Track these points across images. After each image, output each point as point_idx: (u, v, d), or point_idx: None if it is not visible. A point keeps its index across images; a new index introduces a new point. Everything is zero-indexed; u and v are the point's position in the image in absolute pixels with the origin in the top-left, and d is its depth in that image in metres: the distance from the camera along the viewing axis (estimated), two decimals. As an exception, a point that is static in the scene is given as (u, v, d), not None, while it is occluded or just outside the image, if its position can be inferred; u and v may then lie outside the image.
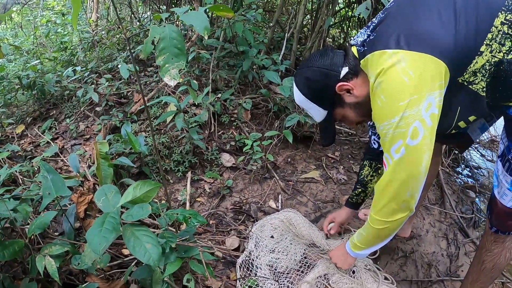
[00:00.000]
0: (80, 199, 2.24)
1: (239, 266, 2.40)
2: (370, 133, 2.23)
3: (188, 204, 2.77)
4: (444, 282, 2.60)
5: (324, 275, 2.42)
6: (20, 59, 4.41)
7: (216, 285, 2.33)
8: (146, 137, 3.20)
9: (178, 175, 3.03)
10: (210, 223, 2.73)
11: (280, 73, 3.41)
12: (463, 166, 3.97)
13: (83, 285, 2.07)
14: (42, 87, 3.86)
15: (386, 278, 2.47)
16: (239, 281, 2.33)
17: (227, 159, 3.11)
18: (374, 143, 2.17)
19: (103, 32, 4.84)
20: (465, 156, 4.06)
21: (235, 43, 3.36)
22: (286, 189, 2.98)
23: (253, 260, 2.42)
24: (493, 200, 1.81)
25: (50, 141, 3.46)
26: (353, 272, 2.45)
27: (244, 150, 3.07)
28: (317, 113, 1.83)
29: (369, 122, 2.17)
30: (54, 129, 3.76)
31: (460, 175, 3.66)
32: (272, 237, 2.52)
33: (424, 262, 2.75)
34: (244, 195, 2.94)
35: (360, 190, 2.32)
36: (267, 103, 3.38)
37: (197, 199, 2.89)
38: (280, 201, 2.86)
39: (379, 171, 2.20)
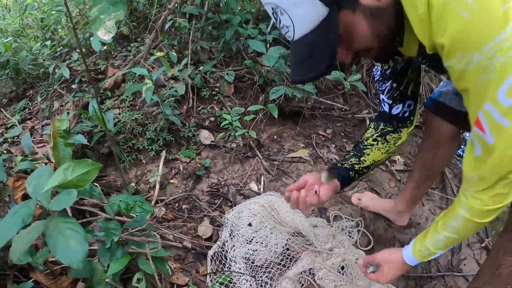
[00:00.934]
0: (17, 183, 1.75)
1: (211, 259, 1.91)
2: (379, 92, 1.67)
3: (158, 186, 2.28)
4: (445, 278, 2.13)
5: (309, 270, 1.92)
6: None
7: (183, 281, 1.84)
8: (119, 113, 2.69)
9: (151, 155, 2.53)
10: (183, 207, 2.24)
11: (267, 43, 2.88)
12: (464, 148, 3.40)
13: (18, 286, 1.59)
14: (16, 66, 3.35)
15: None
16: (209, 276, 1.84)
17: (205, 136, 2.60)
18: (384, 105, 1.64)
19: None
20: (466, 138, 3.50)
21: (218, 12, 2.82)
22: (270, 169, 2.47)
23: (227, 251, 1.93)
24: None
25: (17, 122, 2.96)
26: (342, 267, 1.94)
27: (222, 125, 2.55)
28: (309, 13, 0.97)
29: (376, 73, 1.62)
30: (28, 109, 3.26)
31: (461, 158, 3.10)
32: (250, 225, 2.03)
33: None
34: (223, 176, 2.44)
35: (352, 153, 1.66)
36: (253, 76, 2.85)
37: (170, 180, 2.40)
38: (262, 183, 2.37)
39: (387, 137, 1.63)
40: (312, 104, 2.89)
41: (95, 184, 1.83)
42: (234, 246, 1.96)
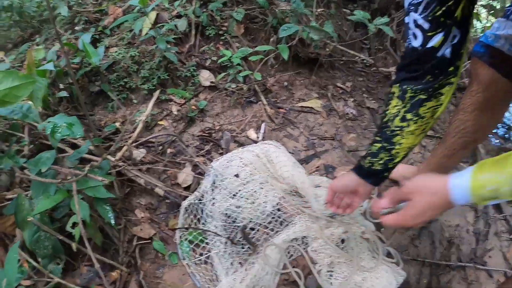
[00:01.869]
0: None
1: (184, 212, 1.44)
2: (409, 11, 0.91)
3: (141, 125, 1.84)
4: (466, 270, 1.60)
5: (302, 238, 1.44)
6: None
7: (147, 233, 1.40)
8: (116, 52, 2.23)
9: (144, 93, 2.08)
10: (167, 151, 1.78)
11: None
12: (502, 125, 2.73)
13: None
14: (20, 9, 2.93)
15: (389, 255, 1.47)
16: (179, 232, 1.38)
17: (205, 76, 2.12)
18: (416, 36, 0.91)
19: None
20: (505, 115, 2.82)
21: None
22: (275, 117, 1.98)
23: (204, 205, 1.46)
24: None
25: (11, 65, 2.55)
26: (342, 241, 1.45)
27: (220, 61, 2.05)
28: None
29: None
30: (28, 53, 2.83)
31: (497, 135, 2.45)
32: (237, 176, 1.54)
33: (444, 237, 1.74)
34: (219, 120, 1.97)
35: (379, 145, 1.09)
36: (266, 16, 2.31)
37: (159, 121, 1.95)
38: (263, 131, 1.88)
39: (420, 111, 1.00)
40: (331, 51, 2.33)
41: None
42: (214, 199, 1.49)
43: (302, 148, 1.88)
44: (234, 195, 1.51)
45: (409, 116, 1.00)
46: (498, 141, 2.28)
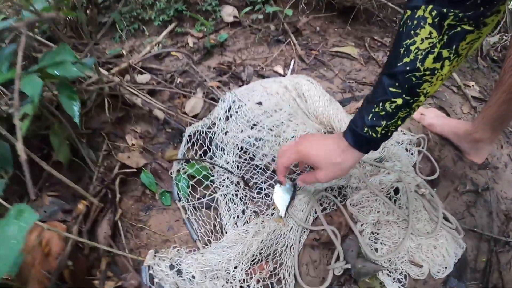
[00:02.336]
0: None
1: (188, 139, 0.89)
2: None
3: (148, 48, 1.30)
4: None
5: (340, 188, 0.88)
6: None
7: (135, 163, 0.85)
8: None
9: (157, 24, 1.54)
10: (177, 81, 1.24)
11: None
12: None
13: None
14: None
15: (446, 219, 0.89)
16: (178, 164, 0.83)
17: (229, 12, 1.58)
18: None
19: None
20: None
21: None
22: (306, 57, 1.42)
23: (214, 134, 0.90)
24: None
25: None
26: (396, 191, 0.88)
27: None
28: None
29: None
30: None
31: None
32: (259, 103, 0.99)
33: (501, 210, 1.20)
34: (241, 55, 1.43)
35: (399, 101, 0.62)
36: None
37: (172, 52, 1.39)
38: (292, 68, 1.32)
39: (461, 47, 0.57)
40: (368, 3, 1.76)
41: None
42: (226, 127, 0.95)
43: (338, 90, 1.33)
44: (254, 124, 0.97)
45: (445, 53, 0.58)
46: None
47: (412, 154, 1.11)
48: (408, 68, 0.59)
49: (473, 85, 1.72)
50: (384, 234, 0.90)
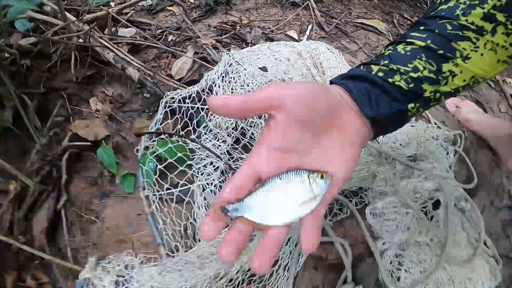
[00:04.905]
0: None
1: (165, 107, 0.60)
2: None
3: None
4: None
5: (355, 192, 0.60)
6: None
7: (94, 133, 0.57)
8: None
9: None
10: (168, 38, 0.95)
11: None
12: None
13: None
14: None
15: (484, 243, 0.63)
16: (147, 139, 0.54)
17: (240, -33, 1.24)
18: None
19: None
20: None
21: None
22: (326, 25, 1.11)
23: (200, 109, 0.61)
24: None
25: None
26: (435, 204, 0.61)
27: None
28: None
29: None
30: None
31: None
32: (264, 69, 0.70)
33: None
34: (249, 16, 1.12)
35: (420, 43, 0.38)
36: None
37: (168, 7, 1.10)
38: (308, 34, 1.01)
39: None
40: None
41: None
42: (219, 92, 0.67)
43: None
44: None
45: (500, 17, 0.36)
46: None
47: (447, 154, 0.83)
48: (443, 13, 0.39)
49: (510, 82, 1.41)
50: (412, 259, 0.63)
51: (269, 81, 0.70)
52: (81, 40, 0.79)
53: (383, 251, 0.62)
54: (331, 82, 0.39)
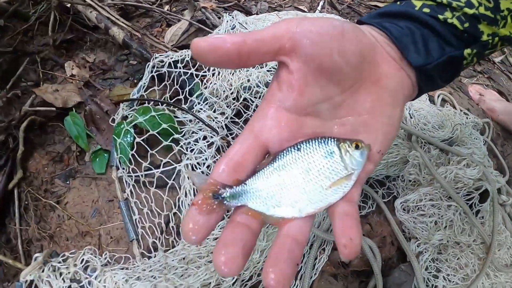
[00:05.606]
0: None
1: (151, 71, 0.43)
2: None
3: None
4: None
5: (386, 178, 0.42)
6: None
7: (64, 98, 0.40)
8: None
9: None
10: (164, 8, 0.78)
11: None
12: None
13: None
14: None
15: None
16: (125, 106, 0.37)
17: None
18: None
19: None
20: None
21: None
22: (338, 4, 0.95)
23: (195, 75, 0.44)
24: None
25: None
26: (482, 197, 0.44)
27: None
28: None
29: None
30: None
31: None
32: None
33: None
34: (253, -9, 0.95)
35: None
36: None
37: None
38: (319, 10, 0.84)
39: None
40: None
41: None
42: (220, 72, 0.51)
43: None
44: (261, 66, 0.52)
45: None
46: None
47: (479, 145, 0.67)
48: None
49: (531, 73, 1.26)
50: (451, 264, 0.47)
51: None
52: (60, -1, 0.64)
53: (418, 253, 0.47)
54: (360, 22, 0.29)
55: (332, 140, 0.22)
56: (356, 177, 0.22)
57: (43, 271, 0.37)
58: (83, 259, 0.38)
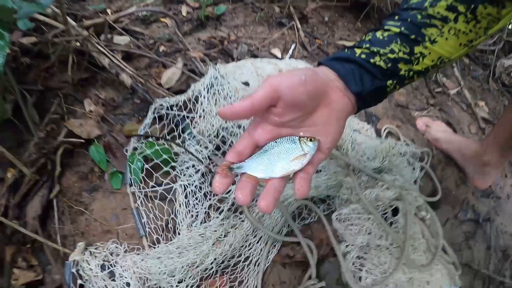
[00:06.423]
0: None
1: (154, 112, 0.70)
2: None
3: (134, 8, 1.09)
4: None
5: (323, 199, 0.71)
6: None
7: (88, 131, 0.66)
8: None
9: (152, -12, 1.33)
10: (159, 49, 1.06)
11: None
12: None
13: None
14: None
15: (444, 251, 0.74)
16: (135, 141, 0.63)
17: (232, -16, 1.38)
18: None
19: None
20: None
21: None
22: (309, 45, 1.24)
23: (186, 116, 0.71)
24: None
25: None
26: (394, 212, 0.71)
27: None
28: None
29: None
30: None
31: None
32: (246, 84, 0.81)
33: (499, 245, 1.09)
34: (237, 32, 1.24)
35: (396, 30, 0.47)
36: None
37: (162, 19, 1.20)
38: (291, 54, 1.13)
39: (478, 11, 0.46)
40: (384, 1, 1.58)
41: None
42: (205, 110, 0.77)
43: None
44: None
45: (461, 8, 0.47)
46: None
47: (413, 169, 0.95)
48: (414, 5, 0.48)
49: (482, 105, 1.57)
50: (372, 261, 0.73)
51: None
52: (78, 44, 0.89)
53: (346, 252, 0.73)
54: (320, 63, 0.49)
55: (296, 137, 0.42)
56: (310, 157, 0.41)
57: (84, 254, 0.61)
58: (109, 248, 0.62)
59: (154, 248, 0.64)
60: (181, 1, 1.36)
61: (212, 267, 0.62)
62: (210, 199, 0.70)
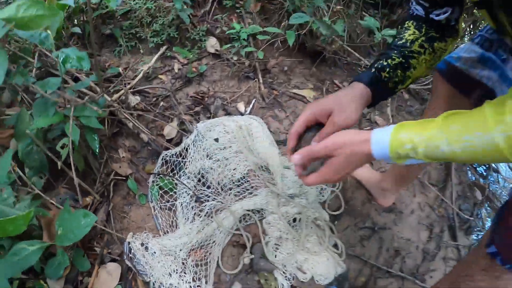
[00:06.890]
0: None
1: (162, 160, 1.61)
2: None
3: (141, 75, 1.98)
4: (404, 281, 1.69)
5: (259, 211, 1.61)
6: None
7: (124, 172, 1.56)
8: (134, 1, 2.34)
9: (151, 46, 2.22)
10: (160, 104, 1.94)
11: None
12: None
13: None
14: None
15: (335, 246, 1.64)
16: (153, 177, 1.55)
17: (212, 43, 2.26)
18: (416, 8, 1.08)
19: None
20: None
21: None
22: (266, 96, 2.12)
23: (183, 159, 1.62)
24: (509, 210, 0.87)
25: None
26: (294, 220, 1.62)
27: (228, 32, 2.20)
28: None
29: None
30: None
31: (474, 169, 2.47)
32: (216, 140, 1.70)
33: (392, 246, 1.82)
34: (214, 87, 2.12)
35: (398, 60, 1.05)
36: (284, 0, 2.43)
37: (159, 75, 2.09)
38: (251, 106, 2.02)
39: (435, 45, 1.07)
40: (337, 48, 2.46)
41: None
42: (192, 157, 1.66)
43: (284, 131, 2.03)
44: (210, 157, 1.68)
45: (426, 45, 1.06)
46: (474, 177, 2.32)
47: (322, 196, 1.83)
48: (402, 46, 1.06)
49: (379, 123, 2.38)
50: (283, 247, 1.63)
51: (221, 149, 1.70)
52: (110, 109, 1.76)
53: (268, 241, 1.62)
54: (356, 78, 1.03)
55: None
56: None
57: (132, 238, 1.49)
58: (143, 235, 1.51)
59: (166, 235, 1.53)
60: (174, 57, 2.24)
61: (196, 245, 1.52)
62: (194, 209, 1.60)
